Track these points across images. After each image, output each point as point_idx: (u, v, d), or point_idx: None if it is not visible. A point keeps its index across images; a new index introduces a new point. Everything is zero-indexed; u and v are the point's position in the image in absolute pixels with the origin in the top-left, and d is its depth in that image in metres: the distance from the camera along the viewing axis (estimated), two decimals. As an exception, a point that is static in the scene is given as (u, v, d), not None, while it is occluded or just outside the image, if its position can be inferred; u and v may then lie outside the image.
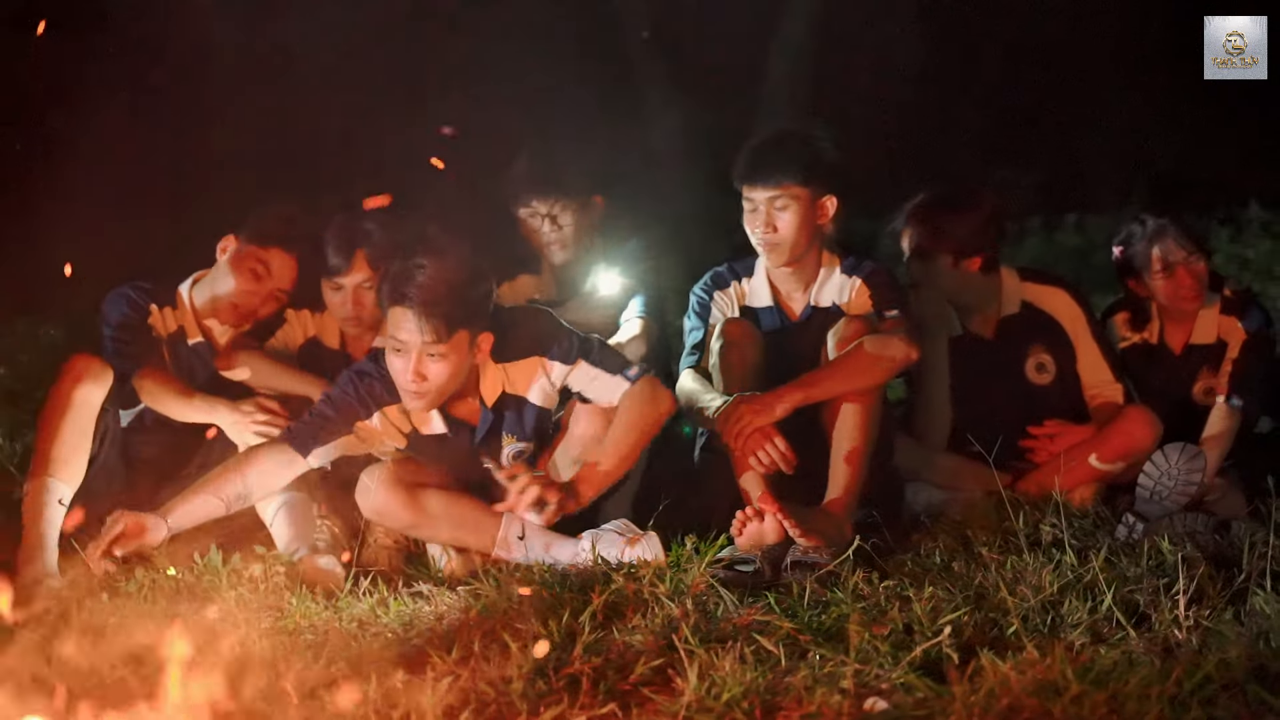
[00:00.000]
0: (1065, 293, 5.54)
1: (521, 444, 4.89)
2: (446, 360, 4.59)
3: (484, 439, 4.84)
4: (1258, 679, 3.25)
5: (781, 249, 5.10)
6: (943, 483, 5.38)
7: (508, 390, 4.85)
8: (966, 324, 5.59)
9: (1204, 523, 4.63)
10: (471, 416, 4.86)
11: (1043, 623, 3.78)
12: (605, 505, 4.85)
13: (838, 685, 3.33)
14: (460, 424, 4.85)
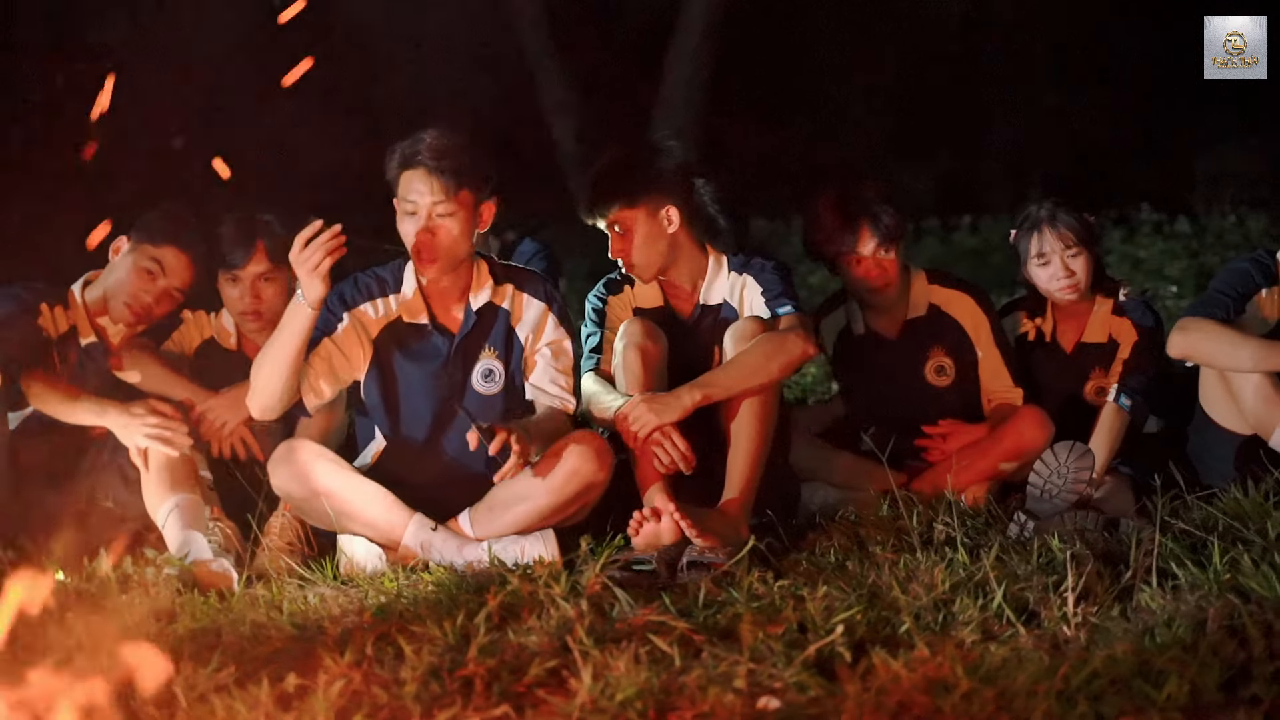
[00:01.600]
0: (971, 298, 5.59)
1: (494, 363, 4.98)
2: (454, 219, 4.76)
3: (461, 344, 4.96)
4: (1143, 675, 3.28)
5: (639, 268, 5.15)
6: (839, 482, 5.42)
7: (497, 303, 4.98)
8: (872, 323, 5.62)
9: (1093, 520, 4.68)
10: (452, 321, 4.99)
11: (935, 621, 3.80)
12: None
13: (731, 685, 3.34)
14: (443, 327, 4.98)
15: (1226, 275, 5.30)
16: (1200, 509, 4.69)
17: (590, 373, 5.06)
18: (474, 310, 4.97)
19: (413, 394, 4.97)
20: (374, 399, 4.98)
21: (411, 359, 4.96)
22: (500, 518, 4.78)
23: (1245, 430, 5.15)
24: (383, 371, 4.96)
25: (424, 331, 4.97)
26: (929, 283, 5.63)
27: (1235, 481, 4.87)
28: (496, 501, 4.80)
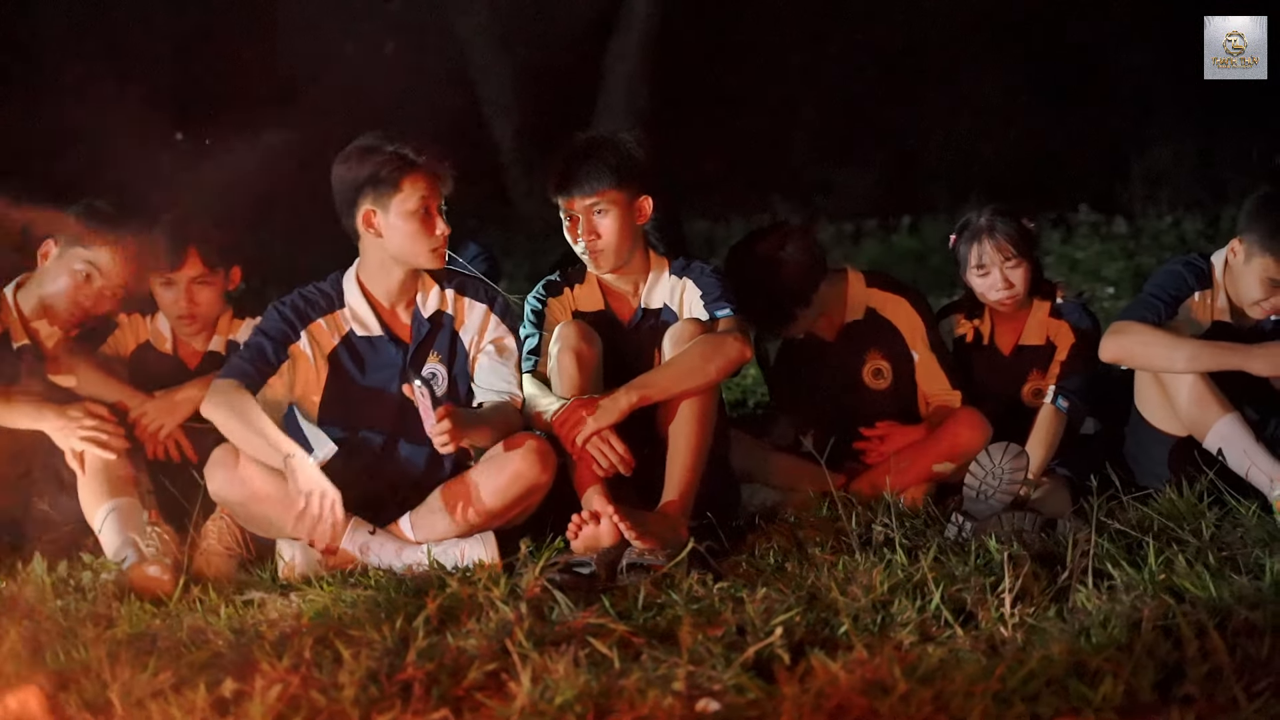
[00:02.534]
0: (907, 301, 5.61)
1: (438, 367, 4.98)
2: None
3: (416, 352, 4.96)
4: (1079, 675, 3.31)
5: (607, 254, 5.10)
6: (778, 483, 5.43)
7: (444, 309, 4.98)
8: (810, 326, 5.64)
9: (1030, 521, 4.71)
10: (404, 332, 4.96)
11: (873, 622, 3.82)
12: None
13: (670, 687, 3.34)
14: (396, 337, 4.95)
15: (1160, 278, 5.34)
16: (1136, 510, 4.74)
17: (528, 375, 5.05)
18: (425, 319, 4.95)
19: (366, 404, 4.94)
20: (330, 410, 4.95)
21: (366, 370, 4.94)
22: (442, 520, 4.76)
23: (1180, 432, 5.19)
24: (339, 384, 4.94)
25: (378, 343, 4.94)
26: (866, 286, 5.64)
27: (1170, 482, 4.93)
28: (438, 504, 4.78)
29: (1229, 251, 5.23)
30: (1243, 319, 5.28)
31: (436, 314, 4.97)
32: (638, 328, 5.24)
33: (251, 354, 4.84)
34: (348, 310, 4.93)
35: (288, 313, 4.89)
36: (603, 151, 5.11)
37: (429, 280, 4.97)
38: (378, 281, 4.91)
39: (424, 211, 4.79)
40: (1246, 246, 5.13)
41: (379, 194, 4.76)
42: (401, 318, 4.97)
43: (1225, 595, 3.83)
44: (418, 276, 4.94)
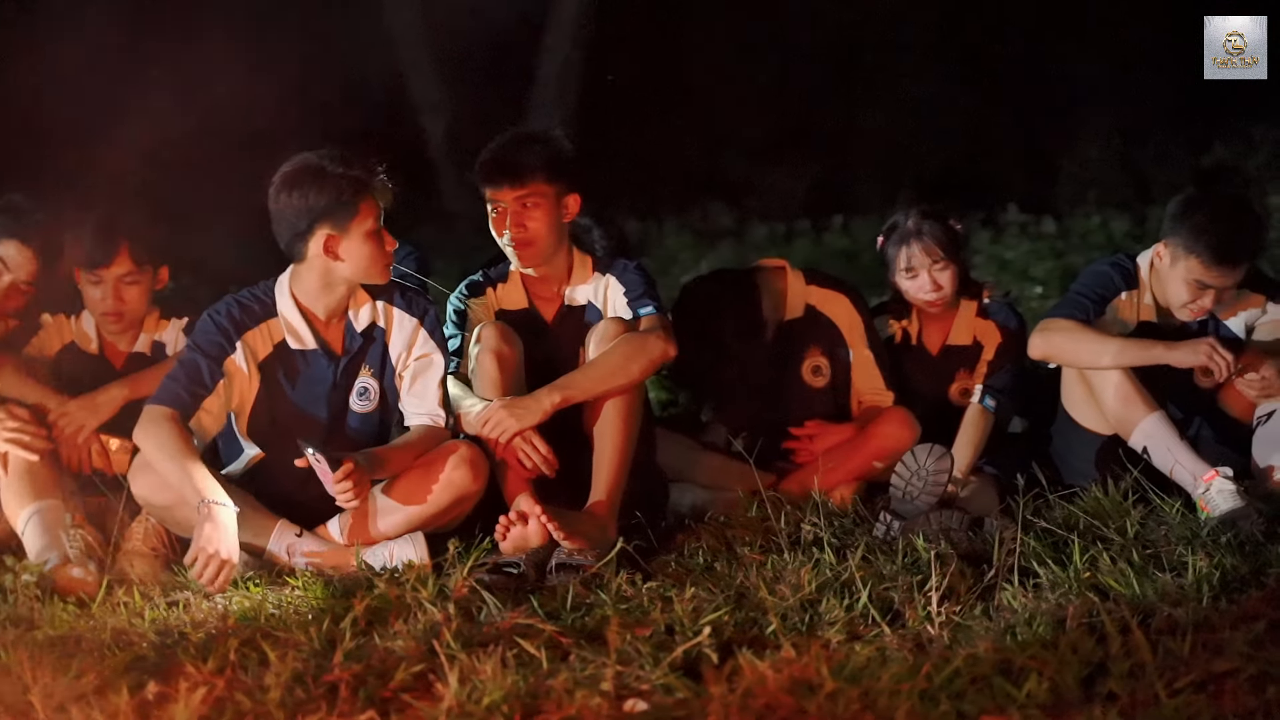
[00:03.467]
0: (847, 299, 5.63)
1: (370, 381, 4.94)
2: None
3: (347, 365, 4.92)
4: (1003, 673, 3.34)
5: (532, 249, 5.09)
6: (707, 482, 5.43)
7: (377, 322, 4.93)
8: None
9: (958, 520, 4.74)
10: (337, 345, 4.92)
11: (801, 621, 3.84)
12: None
13: (598, 687, 3.35)
14: (328, 346, 4.91)
15: (1087, 277, 5.38)
16: (1062, 508, 4.78)
17: (452, 376, 5.03)
18: (359, 333, 4.92)
19: (297, 415, 4.90)
20: (258, 420, 4.91)
21: (298, 382, 4.90)
22: (372, 526, 4.74)
23: (1106, 430, 5.23)
24: (270, 395, 4.89)
25: (310, 356, 4.90)
26: (806, 283, 5.66)
27: (1096, 481, 4.96)
28: (369, 510, 4.76)
29: (1154, 255, 5.27)
30: (1169, 319, 5.32)
31: (369, 327, 4.93)
32: (562, 325, 5.24)
33: (186, 375, 4.75)
34: (281, 320, 4.88)
35: (223, 322, 4.82)
36: (534, 145, 5.11)
37: (362, 293, 4.93)
38: (317, 297, 4.85)
39: (379, 230, 4.78)
40: (1172, 250, 5.17)
41: (339, 220, 4.71)
42: (334, 331, 4.92)
43: (1149, 593, 3.88)
44: (354, 290, 4.92)
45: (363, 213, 4.72)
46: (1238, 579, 4.02)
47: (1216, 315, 5.32)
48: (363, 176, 4.74)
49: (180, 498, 4.61)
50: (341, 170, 4.71)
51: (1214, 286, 5.11)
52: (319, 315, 4.87)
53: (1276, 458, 5.01)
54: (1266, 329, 5.28)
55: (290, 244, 4.76)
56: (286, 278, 4.87)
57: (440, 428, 4.92)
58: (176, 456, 4.58)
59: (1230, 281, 5.13)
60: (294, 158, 4.78)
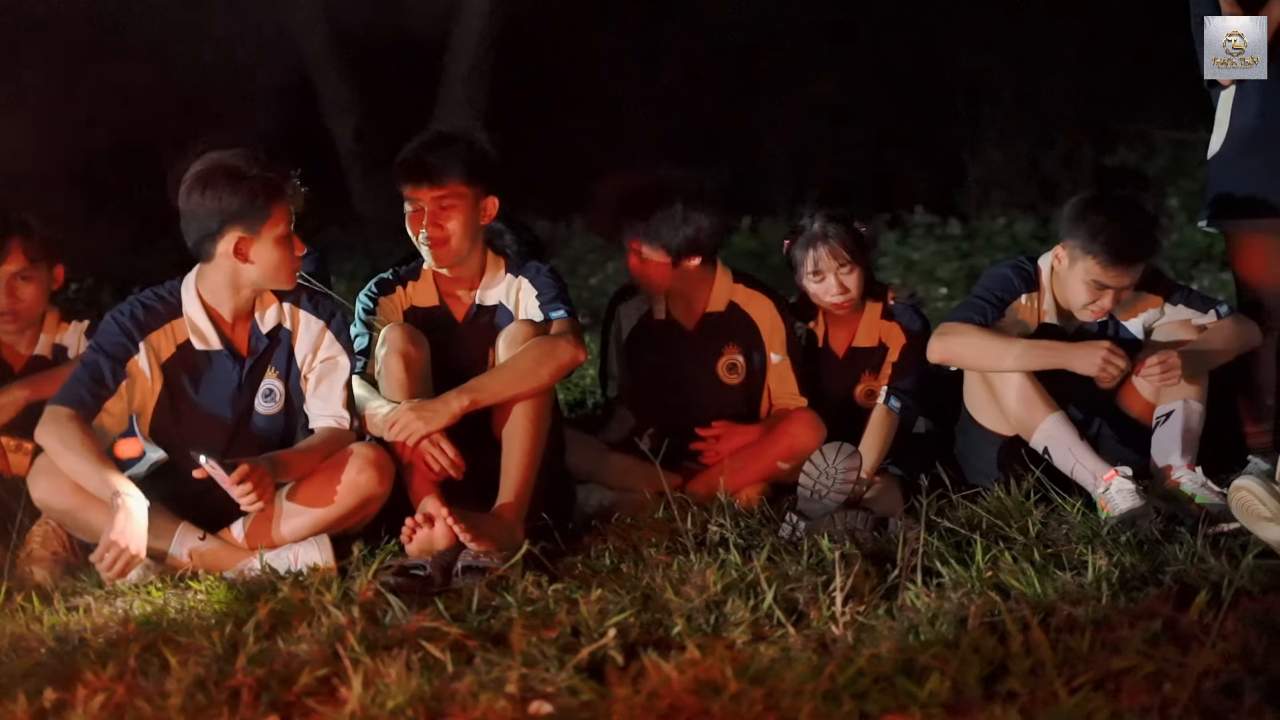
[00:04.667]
0: (772, 304, 5.65)
1: (275, 382, 4.92)
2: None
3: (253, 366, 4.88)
4: (907, 672, 3.35)
5: (449, 248, 5.09)
6: (615, 484, 5.44)
7: (283, 323, 4.90)
8: (673, 310, 5.66)
9: (863, 520, 4.77)
10: (242, 346, 4.88)
11: (707, 622, 3.83)
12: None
13: (503, 690, 3.34)
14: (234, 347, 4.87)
15: (987, 280, 5.44)
16: (965, 508, 4.82)
17: (358, 377, 5.01)
18: (264, 334, 4.88)
19: (202, 418, 4.86)
20: (161, 422, 4.86)
21: (202, 384, 4.85)
22: (276, 529, 4.71)
23: (1007, 431, 5.28)
24: (173, 396, 4.84)
25: (216, 357, 4.86)
26: (733, 280, 5.68)
27: (999, 480, 5.01)
28: (273, 513, 4.73)
29: (1054, 257, 5.33)
30: (1069, 321, 5.39)
31: (275, 329, 4.91)
32: (472, 324, 5.23)
33: (89, 376, 4.70)
34: (186, 321, 4.83)
35: (126, 323, 4.77)
36: (456, 145, 5.12)
37: (268, 295, 4.90)
38: (224, 299, 4.81)
39: (289, 235, 4.75)
40: (1070, 251, 5.24)
41: (251, 223, 4.68)
42: (240, 332, 4.88)
43: (1049, 591, 3.91)
44: (260, 291, 4.87)
45: (275, 216, 4.70)
46: (1136, 577, 4.07)
47: (1116, 317, 5.39)
48: (277, 179, 4.71)
49: (81, 501, 4.55)
50: (256, 172, 4.68)
51: (1112, 287, 5.18)
52: (225, 316, 4.83)
53: (1174, 457, 5.07)
54: (1165, 330, 5.35)
55: (199, 244, 4.72)
56: (192, 278, 4.83)
57: (345, 430, 4.90)
58: (81, 452, 4.53)
59: (1127, 281, 5.20)
60: (206, 157, 4.74)
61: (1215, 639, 3.46)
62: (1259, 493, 4.38)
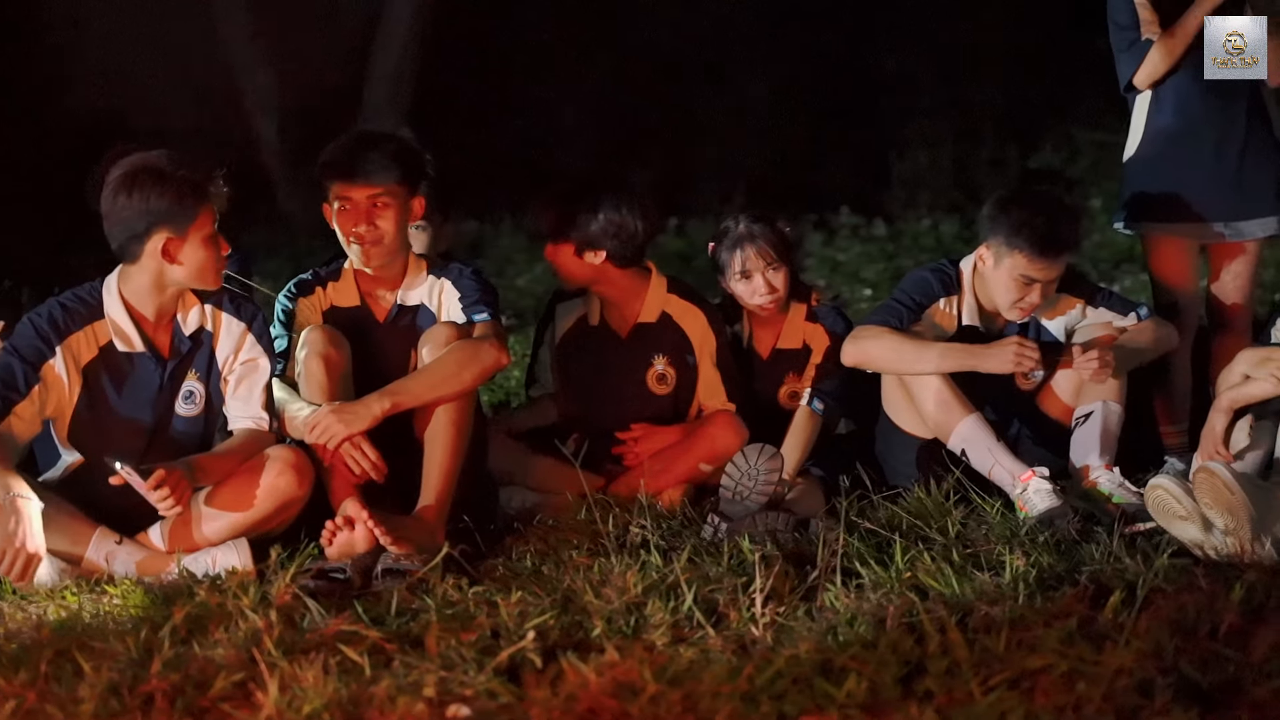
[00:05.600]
0: (704, 315, 5.63)
1: (195, 384, 4.87)
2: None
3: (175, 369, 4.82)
4: (824, 673, 3.36)
5: (382, 248, 5.06)
6: (537, 486, 5.43)
7: (205, 326, 4.85)
8: (607, 316, 5.66)
9: (784, 521, 4.78)
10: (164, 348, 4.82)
11: (626, 624, 3.83)
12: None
13: (421, 693, 3.33)
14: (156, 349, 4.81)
15: (907, 284, 5.46)
16: (886, 509, 4.85)
17: (278, 379, 4.98)
18: (187, 336, 4.84)
19: (122, 421, 4.80)
20: (79, 426, 4.80)
21: (124, 386, 4.80)
22: (195, 532, 4.67)
23: (926, 433, 5.31)
24: (92, 399, 4.79)
25: (138, 359, 4.80)
26: (667, 290, 5.67)
27: (918, 482, 5.03)
28: (191, 516, 4.69)
29: (977, 258, 5.37)
30: (990, 324, 5.43)
31: (197, 331, 4.86)
32: (393, 325, 5.21)
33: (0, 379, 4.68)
34: (108, 322, 4.78)
35: (44, 326, 4.71)
36: (389, 145, 5.10)
37: (190, 296, 4.85)
38: (147, 299, 4.76)
39: (215, 235, 4.72)
40: (994, 250, 5.27)
41: (178, 224, 4.63)
42: (162, 334, 4.83)
43: (967, 592, 3.94)
44: (183, 292, 4.83)
45: (202, 217, 4.66)
46: (1053, 577, 4.10)
47: (1038, 319, 5.43)
48: (203, 180, 4.67)
49: None
50: (182, 173, 4.64)
51: (1039, 280, 5.22)
52: (148, 317, 4.79)
53: (1092, 457, 5.12)
54: (1086, 332, 5.40)
55: (125, 245, 4.68)
56: (115, 279, 4.78)
57: (264, 432, 4.87)
58: None
59: (1054, 274, 5.25)
60: (131, 157, 4.69)
61: (1129, 638, 3.50)
62: (1175, 492, 4.43)
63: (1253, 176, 5.72)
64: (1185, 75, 5.68)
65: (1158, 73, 5.68)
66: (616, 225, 5.47)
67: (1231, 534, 4.33)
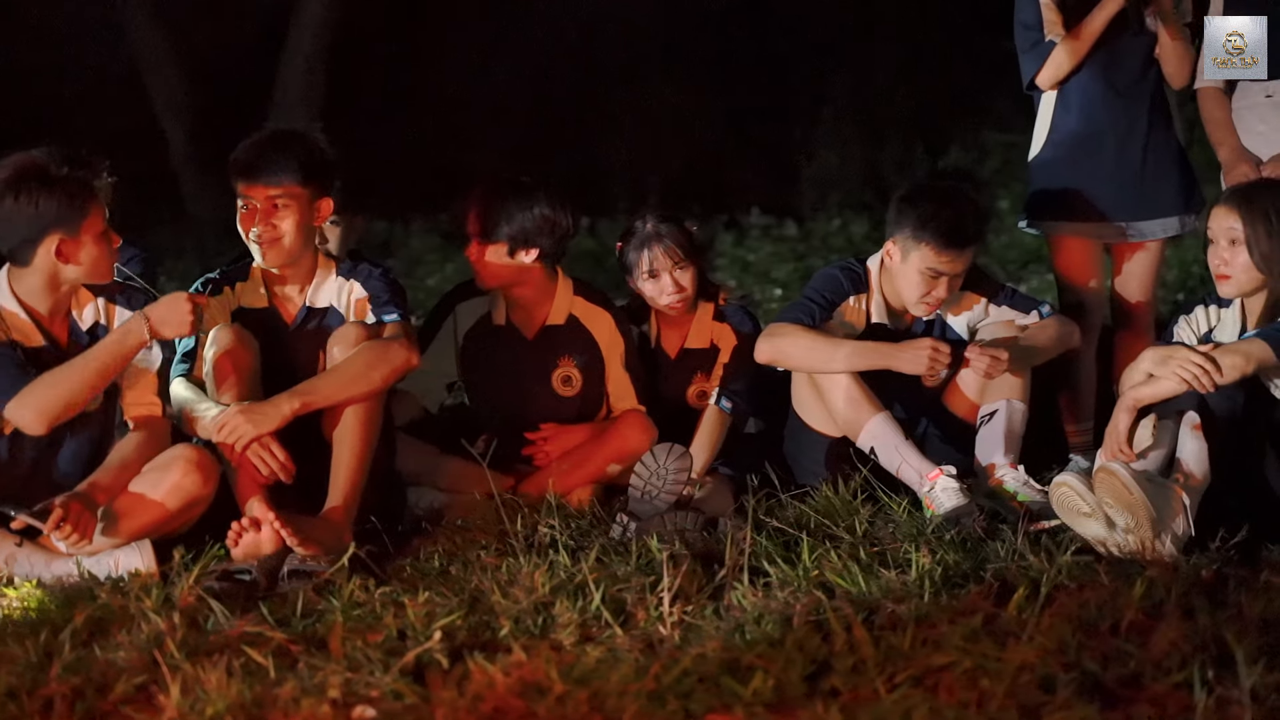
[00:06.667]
0: (611, 319, 5.63)
1: None
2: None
3: None
4: (731, 671, 3.38)
5: (279, 248, 5.01)
6: (446, 486, 5.40)
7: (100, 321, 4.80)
8: (513, 316, 5.64)
9: (693, 521, 4.79)
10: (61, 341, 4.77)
11: (535, 624, 3.83)
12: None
13: (326, 695, 3.31)
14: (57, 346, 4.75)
15: (817, 282, 5.49)
16: (794, 508, 4.86)
17: (181, 379, 4.93)
18: (84, 330, 4.78)
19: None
20: None
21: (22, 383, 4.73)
22: (97, 534, 4.61)
23: (834, 432, 5.33)
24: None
25: (41, 353, 4.73)
26: (574, 293, 5.65)
27: (827, 480, 5.05)
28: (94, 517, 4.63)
29: (884, 254, 5.40)
30: (898, 321, 5.47)
31: (93, 326, 4.80)
32: (302, 327, 5.16)
33: None
34: (4, 320, 4.71)
35: None
36: (292, 144, 5.05)
37: (84, 291, 4.79)
38: (42, 298, 4.70)
39: (107, 231, 4.67)
40: (901, 244, 5.30)
41: (71, 225, 4.59)
42: (59, 329, 4.77)
43: (874, 589, 3.97)
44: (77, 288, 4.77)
45: (93, 214, 4.61)
46: (959, 574, 4.14)
47: (942, 316, 5.47)
48: (89, 177, 4.62)
49: None
50: (68, 172, 4.58)
51: (946, 273, 5.25)
52: (43, 313, 4.73)
53: (998, 456, 5.16)
54: (989, 330, 5.43)
55: (17, 250, 4.63)
56: (4, 277, 4.72)
57: (159, 419, 4.82)
58: None
59: (961, 266, 5.29)
60: (12, 157, 4.63)
61: (1032, 634, 3.54)
62: (1079, 489, 4.48)
63: (1155, 177, 5.81)
64: (1088, 76, 5.75)
65: (1061, 73, 5.75)
66: (551, 223, 5.46)
67: (1132, 532, 4.38)
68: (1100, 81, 5.74)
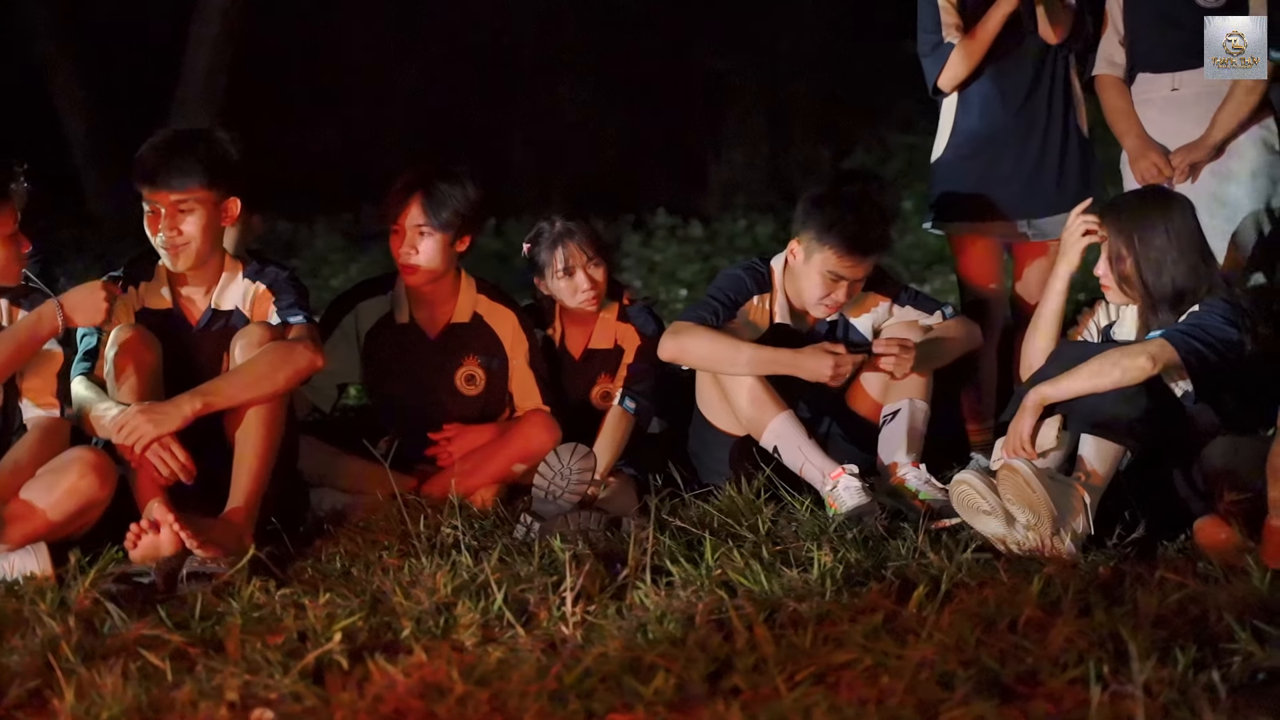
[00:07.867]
0: (515, 317, 5.62)
1: None
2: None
3: None
4: (633, 670, 3.38)
5: (187, 252, 4.96)
6: (348, 487, 5.36)
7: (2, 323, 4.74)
8: (415, 314, 5.61)
9: (596, 521, 4.80)
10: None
11: (436, 625, 3.82)
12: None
13: (223, 697, 3.28)
14: None
15: (721, 281, 5.51)
16: (697, 507, 4.88)
17: (82, 378, 4.87)
18: None
19: None
20: None
21: None
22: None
23: (738, 431, 5.35)
24: None
25: None
26: (477, 291, 5.63)
27: (730, 480, 5.08)
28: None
29: (788, 253, 5.42)
30: (801, 322, 5.49)
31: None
32: (207, 329, 5.11)
33: None
34: None
35: None
36: (196, 146, 4.97)
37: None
38: None
39: (16, 234, 4.62)
40: (805, 245, 5.32)
41: None
42: None
43: (776, 588, 3.98)
44: None
45: (3, 216, 4.56)
46: (861, 572, 4.17)
47: (846, 316, 5.50)
48: (3, 180, 4.56)
49: None
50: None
51: (847, 278, 5.29)
52: None
53: (900, 454, 5.21)
54: (893, 330, 5.46)
55: None
56: None
57: (57, 419, 4.74)
58: None
59: (862, 272, 5.32)
60: None
61: (932, 631, 3.57)
62: (979, 487, 4.52)
63: (1054, 177, 5.88)
64: (988, 78, 5.82)
65: (959, 75, 5.81)
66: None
67: (1033, 529, 4.43)
68: (998, 83, 5.81)
